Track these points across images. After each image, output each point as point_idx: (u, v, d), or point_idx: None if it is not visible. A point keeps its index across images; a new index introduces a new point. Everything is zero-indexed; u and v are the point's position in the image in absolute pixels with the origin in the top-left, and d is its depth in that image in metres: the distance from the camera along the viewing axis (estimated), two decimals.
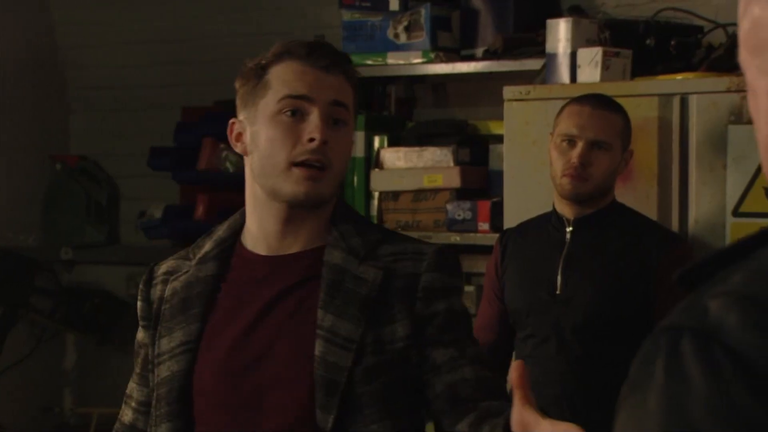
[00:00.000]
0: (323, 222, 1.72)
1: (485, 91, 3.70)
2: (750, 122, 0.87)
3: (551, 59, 3.16)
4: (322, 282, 1.68)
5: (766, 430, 0.72)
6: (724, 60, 3.00)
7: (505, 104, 3.16)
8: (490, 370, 1.70)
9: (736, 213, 2.84)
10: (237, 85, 1.77)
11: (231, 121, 1.76)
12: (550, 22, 3.19)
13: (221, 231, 1.78)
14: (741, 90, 2.83)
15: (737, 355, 0.74)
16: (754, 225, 2.50)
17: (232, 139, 1.76)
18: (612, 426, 0.79)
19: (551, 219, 2.77)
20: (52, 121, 4.75)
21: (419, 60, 3.67)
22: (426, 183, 3.54)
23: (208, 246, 1.76)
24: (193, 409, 1.70)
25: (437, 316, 1.68)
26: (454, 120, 3.73)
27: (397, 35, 3.69)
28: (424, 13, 3.64)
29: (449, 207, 3.47)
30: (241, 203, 4.43)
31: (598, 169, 2.69)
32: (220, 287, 1.73)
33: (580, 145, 2.70)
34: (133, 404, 1.80)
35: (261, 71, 1.73)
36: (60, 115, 4.77)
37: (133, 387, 1.80)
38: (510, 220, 3.06)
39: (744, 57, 0.86)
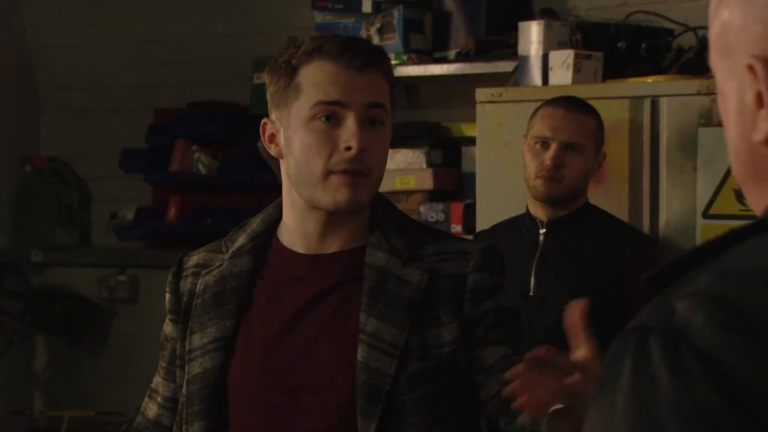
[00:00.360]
0: (364, 221, 1.66)
1: (458, 93, 3.71)
2: (720, 125, 0.88)
3: (523, 61, 3.17)
4: (364, 284, 1.62)
5: (732, 430, 0.73)
6: (695, 63, 3.02)
7: (478, 106, 3.17)
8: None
9: (706, 215, 2.86)
10: (267, 80, 1.67)
11: (263, 121, 1.68)
12: (521, 24, 3.20)
13: (255, 225, 1.70)
14: (711, 93, 2.85)
15: (704, 355, 0.74)
16: (724, 227, 2.52)
17: (265, 140, 1.67)
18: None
19: (524, 221, 2.78)
20: (22, 122, 4.72)
21: (392, 62, 3.67)
22: (399, 185, 3.54)
23: (241, 240, 1.69)
24: (227, 408, 1.64)
25: (486, 316, 1.63)
26: (427, 122, 3.74)
27: (369, 37, 3.69)
28: (396, 15, 3.65)
29: (422, 209, 3.48)
30: (214, 205, 4.38)
31: (571, 171, 2.71)
32: (255, 283, 1.67)
33: (553, 147, 2.71)
34: (158, 399, 1.73)
35: (291, 72, 1.63)
36: (30, 116, 4.74)
37: (158, 381, 1.74)
38: (483, 222, 3.07)
39: (714, 59, 0.87)
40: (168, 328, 1.73)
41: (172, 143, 4.23)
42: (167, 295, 1.73)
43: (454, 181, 3.56)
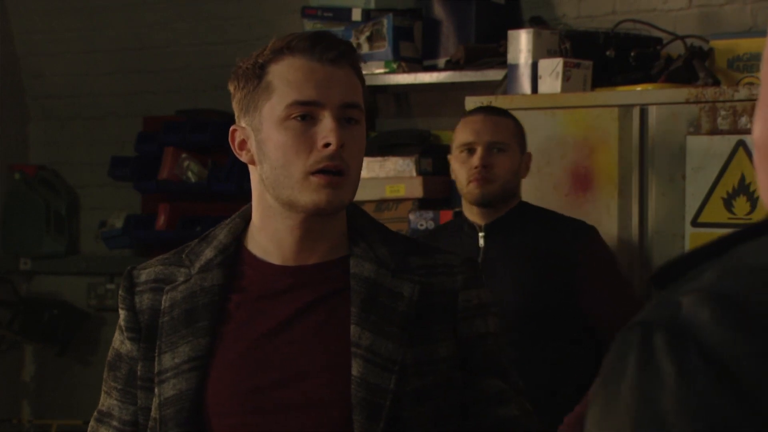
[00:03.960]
0: (341, 231, 1.59)
1: (447, 101, 3.71)
2: (708, 133, 0.88)
3: (513, 70, 3.18)
4: (352, 296, 1.55)
5: (736, 428, 0.72)
6: (683, 71, 3.04)
7: None
8: (529, 402, 1.65)
9: (694, 223, 2.87)
10: (231, 88, 1.60)
11: (232, 128, 1.61)
12: (511, 33, 3.21)
13: (222, 236, 1.61)
14: (699, 101, 2.86)
15: (710, 351, 0.73)
16: (713, 235, 2.52)
17: (235, 147, 1.61)
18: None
19: (463, 227, 2.82)
20: (10, 130, 4.71)
21: (382, 70, 3.68)
22: (388, 193, 3.55)
23: (209, 253, 1.60)
24: (208, 431, 1.55)
25: (481, 340, 1.60)
26: (417, 130, 3.75)
27: (359, 45, 3.69)
28: (386, 23, 3.65)
29: (412, 217, 3.48)
30: (203, 213, 4.34)
31: (501, 170, 2.77)
32: (229, 297, 1.58)
33: (479, 149, 2.78)
34: (114, 423, 1.62)
35: (260, 71, 1.56)
36: (19, 124, 4.73)
37: (112, 404, 1.62)
38: None
39: None
40: (125, 346, 1.62)
41: (161, 151, 4.22)
42: (122, 312, 1.63)
43: (443, 189, 3.56)
